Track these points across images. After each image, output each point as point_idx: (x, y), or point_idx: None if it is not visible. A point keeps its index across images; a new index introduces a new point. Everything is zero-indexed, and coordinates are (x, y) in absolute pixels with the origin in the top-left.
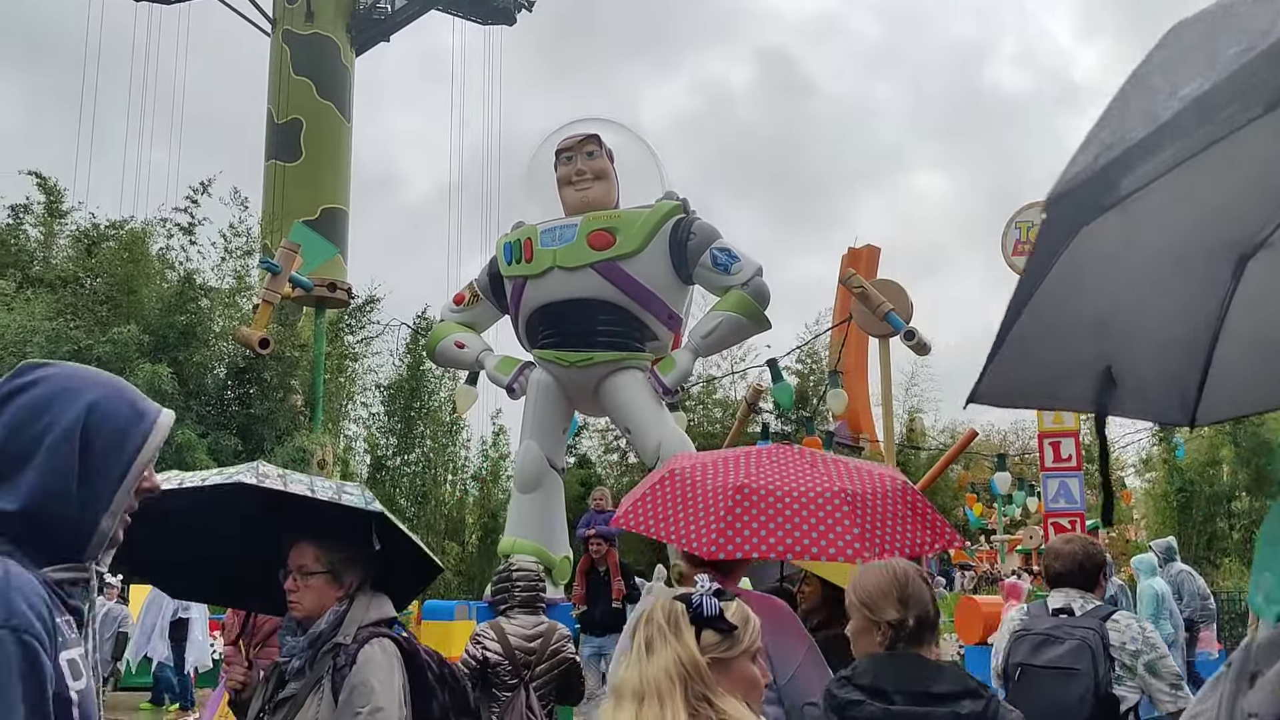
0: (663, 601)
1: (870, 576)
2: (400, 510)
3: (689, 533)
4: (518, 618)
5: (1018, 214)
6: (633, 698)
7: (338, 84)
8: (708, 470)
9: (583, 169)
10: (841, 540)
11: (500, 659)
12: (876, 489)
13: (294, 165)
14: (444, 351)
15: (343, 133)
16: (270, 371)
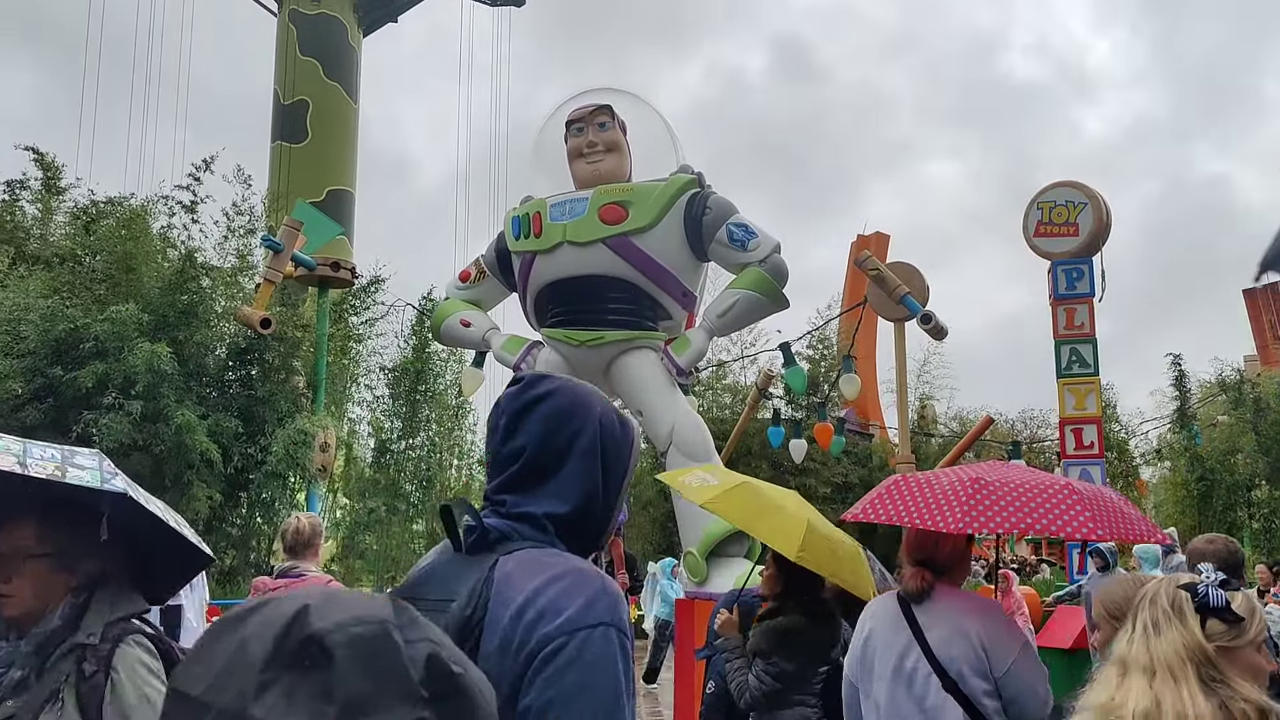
0: (1166, 587)
1: (1117, 589)
2: (405, 495)
3: (934, 516)
4: None
5: (1040, 195)
6: (1142, 671)
7: (345, 65)
8: (936, 475)
9: (594, 141)
10: (1076, 520)
11: None
12: (1089, 486)
13: (300, 146)
14: (449, 329)
15: (349, 114)
16: (272, 352)
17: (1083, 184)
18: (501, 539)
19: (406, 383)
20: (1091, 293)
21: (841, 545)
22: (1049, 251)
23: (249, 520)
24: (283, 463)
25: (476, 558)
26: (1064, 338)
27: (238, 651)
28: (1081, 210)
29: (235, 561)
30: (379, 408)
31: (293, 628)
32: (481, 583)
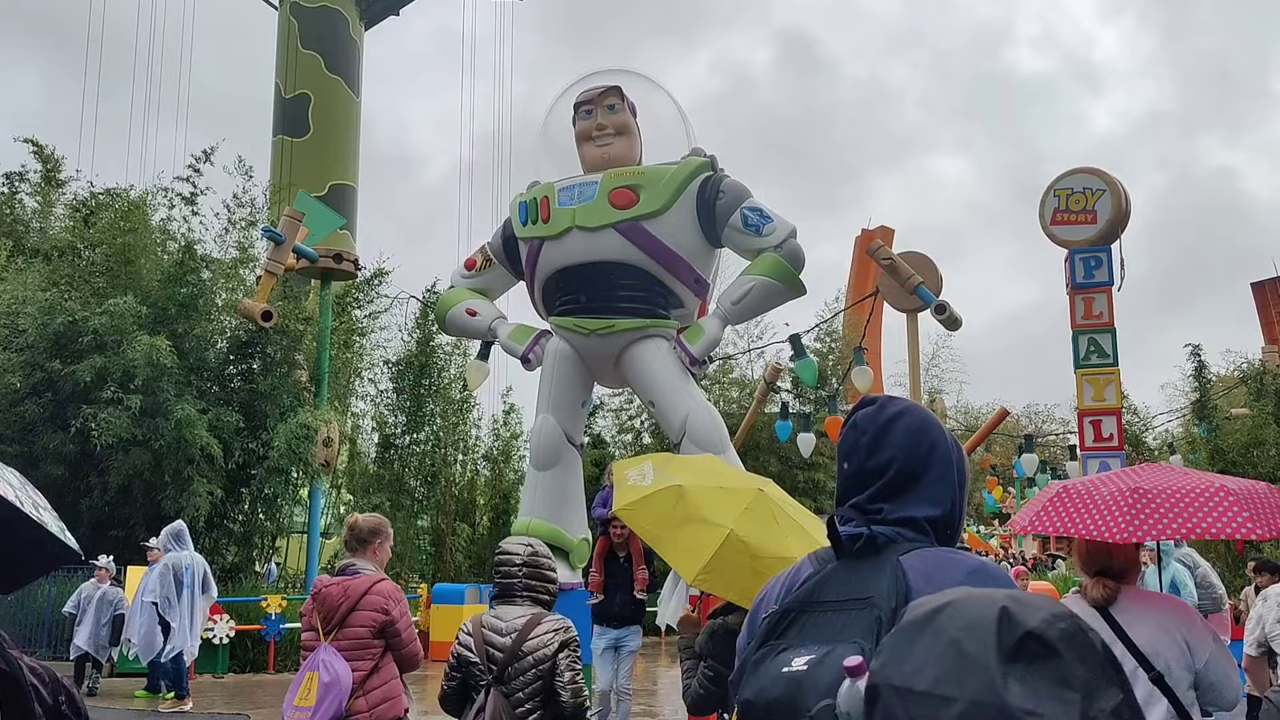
0: None
1: None
2: (410, 490)
3: (1100, 526)
4: (498, 610)
5: (1057, 181)
6: None
7: (346, 58)
8: (1096, 484)
9: (603, 123)
10: (1235, 521)
11: (473, 657)
12: (1244, 485)
13: (302, 140)
14: (454, 319)
15: (351, 108)
16: (274, 346)
17: (1101, 170)
18: (888, 542)
19: (410, 377)
20: (1110, 281)
21: (782, 563)
22: (1066, 240)
23: (251, 517)
24: (285, 458)
25: (868, 560)
26: (1082, 327)
27: (953, 649)
28: (1100, 197)
29: (237, 558)
30: (383, 402)
31: (1004, 625)
32: (896, 579)
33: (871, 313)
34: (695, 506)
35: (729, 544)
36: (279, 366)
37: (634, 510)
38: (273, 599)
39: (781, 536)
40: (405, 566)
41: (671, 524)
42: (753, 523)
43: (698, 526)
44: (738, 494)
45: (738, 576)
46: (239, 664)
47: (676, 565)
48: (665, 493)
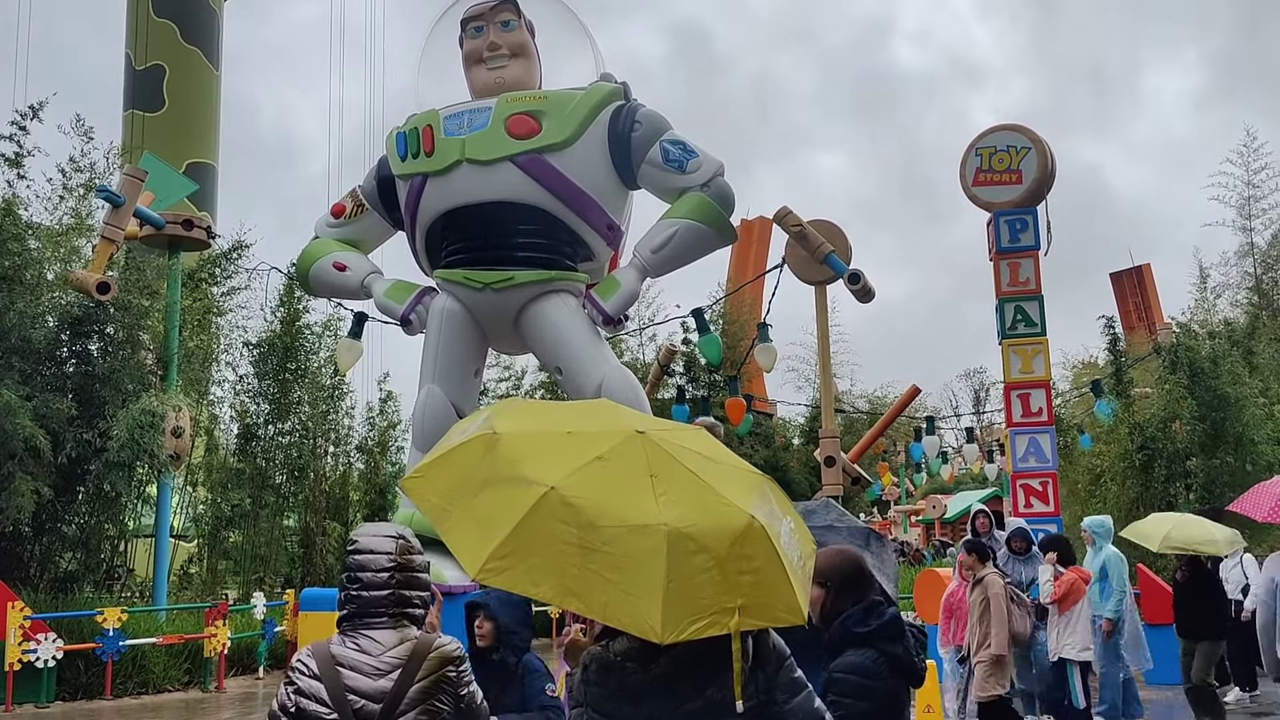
0: None
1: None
2: (275, 486)
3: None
4: (361, 635)
5: (978, 140)
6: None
7: (204, 28)
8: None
9: (496, 42)
10: None
11: (325, 713)
12: None
13: (156, 115)
14: (319, 275)
15: (211, 81)
16: (114, 324)
17: (1025, 127)
18: None
19: (274, 360)
20: (1037, 245)
21: (635, 535)
22: (990, 201)
23: (90, 519)
24: (127, 449)
25: None
26: (1008, 295)
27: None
28: (1025, 155)
29: (74, 566)
30: (243, 389)
31: None
32: None
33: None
34: (509, 461)
35: (542, 508)
36: (120, 347)
37: (420, 479)
38: (110, 612)
39: (642, 495)
40: (269, 570)
41: (467, 490)
42: (600, 477)
43: (504, 489)
44: (594, 439)
45: (552, 561)
46: (68, 690)
47: (460, 551)
48: (470, 446)
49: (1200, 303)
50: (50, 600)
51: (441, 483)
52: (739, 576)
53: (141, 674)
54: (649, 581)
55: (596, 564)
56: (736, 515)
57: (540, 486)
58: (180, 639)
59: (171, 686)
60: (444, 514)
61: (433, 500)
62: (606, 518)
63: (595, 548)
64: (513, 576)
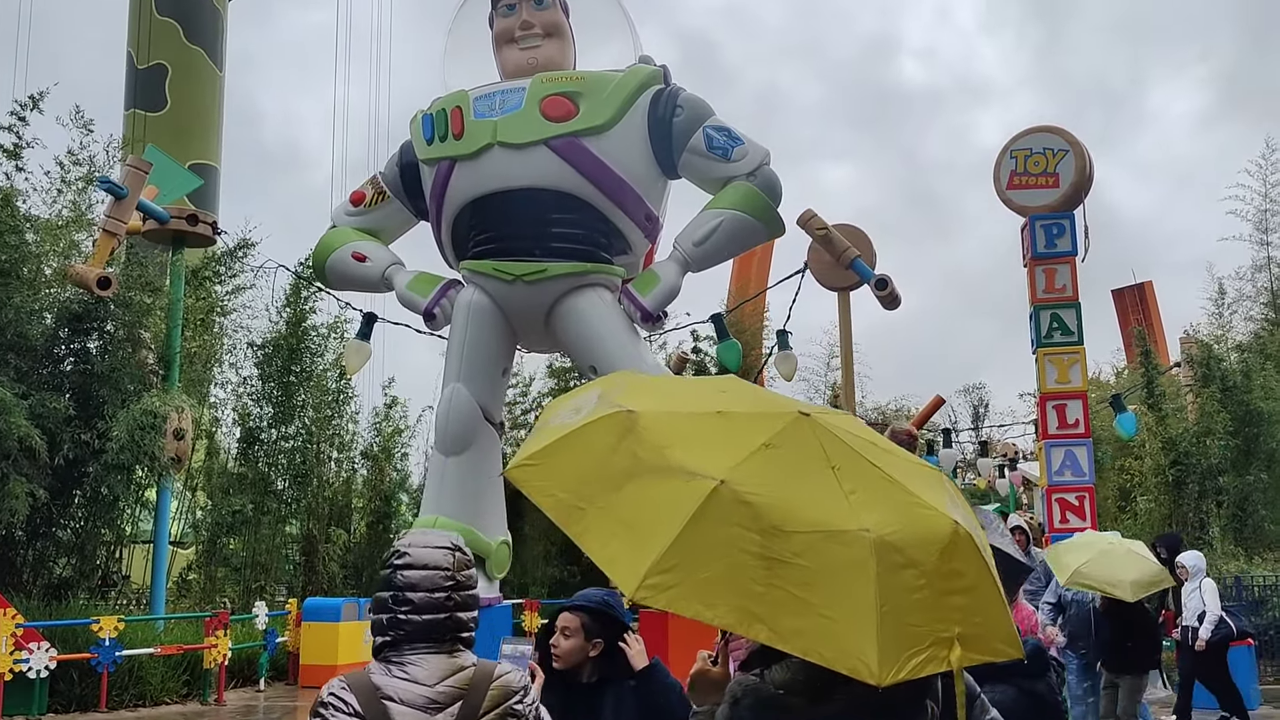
0: None
1: None
2: (277, 492)
3: None
4: (410, 662)
5: (1013, 142)
6: None
7: (208, 28)
8: None
9: (529, 21)
10: None
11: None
12: None
13: (158, 115)
14: (337, 266)
15: (214, 82)
16: (115, 321)
17: (1062, 129)
18: None
19: (279, 362)
20: (1074, 251)
21: (831, 541)
22: (1025, 205)
23: (86, 523)
24: (126, 452)
25: None
26: (1043, 302)
27: None
28: (1062, 158)
29: (68, 572)
30: (246, 391)
31: None
32: None
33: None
34: (654, 447)
35: (713, 508)
36: (121, 345)
37: (536, 468)
38: (106, 621)
39: (829, 493)
40: (270, 579)
41: (605, 483)
42: (774, 470)
43: (656, 483)
44: (754, 422)
45: (729, 575)
46: (61, 702)
47: (610, 564)
48: (598, 427)
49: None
50: (43, 608)
51: (566, 473)
52: (951, 597)
53: (138, 685)
54: (856, 604)
55: (785, 580)
56: (939, 520)
57: (706, 480)
58: (179, 649)
59: (169, 699)
60: (576, 514)
61: (558, 495)
62: (794, 521)
63: (783, 559)
64: (679, 595)
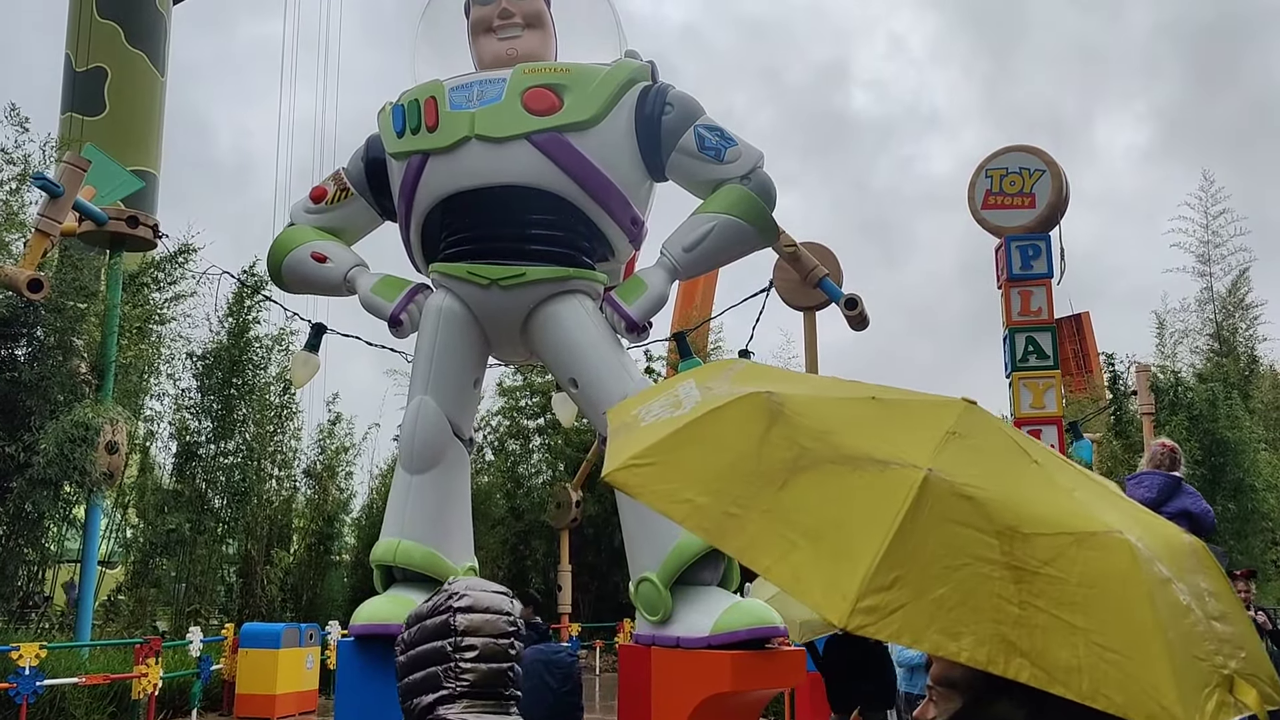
0: None
1: None
2: (214, 511)
3: None
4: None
5: (989, 161)
6: None
7: (150, 32)
8: None
9: (509, 10)
10: None
11: None
12: None
13: (96, 119)
14: (296, 266)
15: (155, 87)
16: (45, 326)
17: (1039, 149)
18: None
19: (220, 374)
20: (1050, 273)
21: (1096, 554)
22: (1000, 226)
23: (8, 541)
24: (54, 466)
25: None
26: (1019, 325)
27: None
28: (1039, 178)
29: None
30: (184, 404)
31: None
32: None
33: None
34: (820, 433)
35: (928, 504)
36: (51, 353)
37: (651, 467)
38: (27, 648)
39: (1049, 488)
40: (205, 601)
41: (761, 480)
42: (976, 461)
43: (837, 474)
44: (918, 410)
45: (971, 594)
46: None
47: (796, 582)
48: (732, 413)
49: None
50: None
51: (699, 471)
52: (1214, 624)
53: (60, 717)
54: (1136, 630)
55: (1041, 597)
56: (1169, 529)
57: (908, 468)
58: (105, 679)
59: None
60: (730, 522)
61: (695, 500)
62: (1030, 520)
63: (1031, 568)
64: (910, 621)
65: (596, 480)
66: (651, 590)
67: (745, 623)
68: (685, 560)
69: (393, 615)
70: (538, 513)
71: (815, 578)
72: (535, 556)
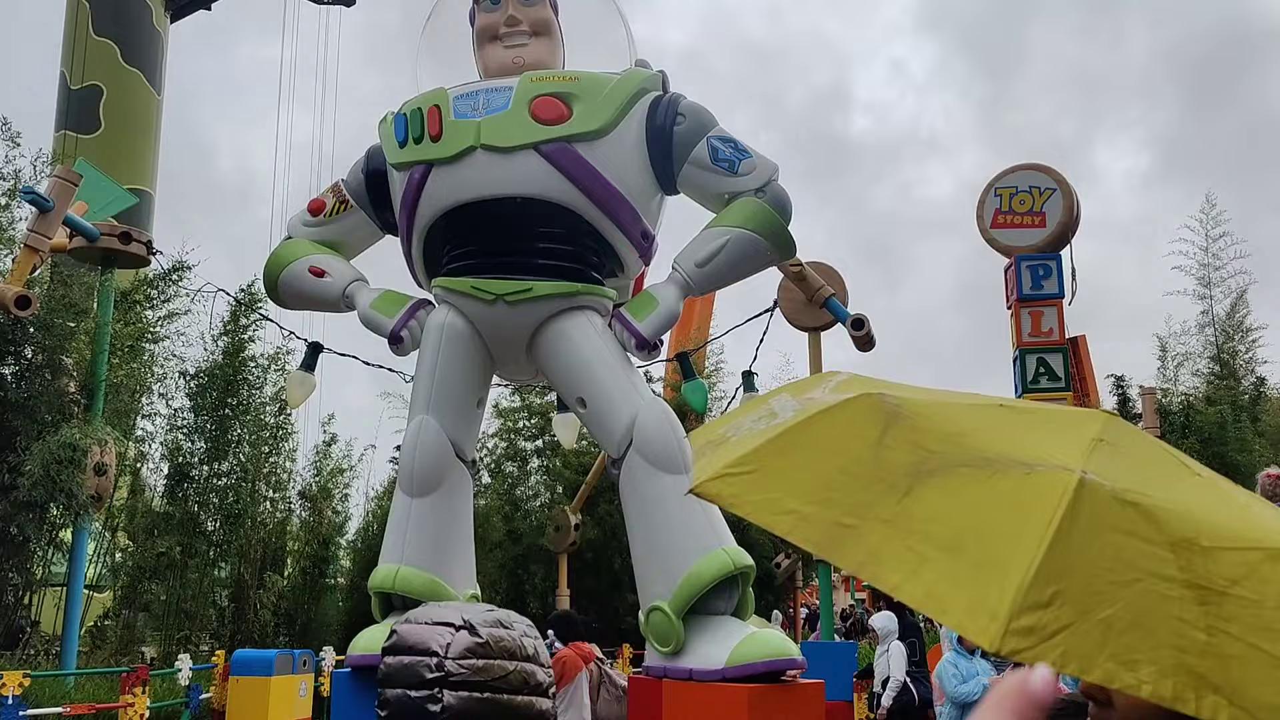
0: None
1: None
2: (207, 534)
3: None
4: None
5: (998, 179)
6: None
7: (147, 50)
8: None
9: (516, 17)
10: None
11: None
12: None
13: (91, 138)
14: (293, 281)
15: (151, 106)
16: (34, 345)
17: (1049, 167)
18: None
19: (214, 394)
20: (1061, 293)
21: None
22: (1010, 245)
23: None
24: (40, 488)
25: None
26: (1029, 345)
27: None
28: (1049, 197)
29: None
30: (178, 423)
31: None
32: None
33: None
34: (947, 435)
35: (1086, 511)
36: (39, 372)
37: (751, 474)
38: (10, 676)
39: (1214, 497)
40: (195, 626)
41: (880, 486)
42: (1132, 468)
43: (972, 479)
44: (1047, 416)
45: (1146, 614)
46: None
47: (926, 599)
48: (840, 415)
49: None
50: None
51: (805, 479)
52: None
53: None
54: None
55: (1232, 622)
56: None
57: (1058, 470)
58: (91, 709)
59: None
60: (846, 535)
61: (802, 510)
62: (1210, 532)
63: (1218, 588)
64: (1074, 645)
65: (596, 503)
66: (663, 620)
67: (762, 654)
68: (699, 589)
69: None
70: (536, 536)
71: (955, 595)
72: (533, 581)
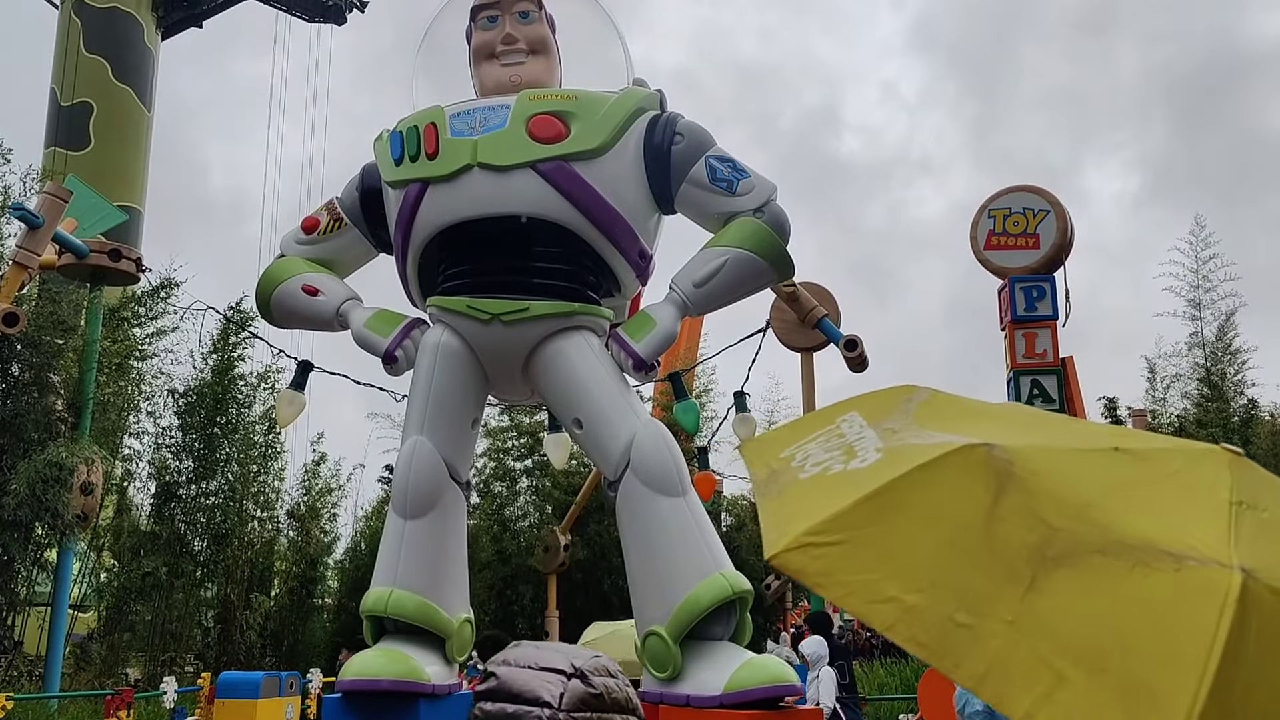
0: None
1: None
2: (194, 554)
3: None
4: None
5: (992, 201)
6: None
7: (138, 67)
8: None
9: (513, 35)
10: None
11: None
12: None
13: (81, 154)
14: (285, 300)
15: (141, 122)
16: (21, 362)
17: (1043, 189)
18: None
19: (202, 412)
20: (1055, 315)
21: None
22: (1003, 266)
23: None
24: (25, 507)
25: None
26: (1023, 367)
27: None
28: (1042, 219)
29: None
30: (165, 442)
31: None
32: None
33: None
34: (1071, 507)
35: (1256, 620)
36: (26, 389)
37: (839, 545)
38: None
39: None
40: (181, 648)
41: (999, 574)
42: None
43: (1111, 572)
44: (1176, 461)
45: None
46: None
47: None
48: (940, 474)
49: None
50: None
51: (900, 555)
52: None
53: None
54: None
55: None
56: None
57: (1212, 566)
58: None
59: None
60: (960, 636)
61: (904, 600)
62: None
63: None
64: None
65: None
66: (660, 646)
67: (759, 680)
68: (697, 614)
69: (384, 670)
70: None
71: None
72: (522, 601)
